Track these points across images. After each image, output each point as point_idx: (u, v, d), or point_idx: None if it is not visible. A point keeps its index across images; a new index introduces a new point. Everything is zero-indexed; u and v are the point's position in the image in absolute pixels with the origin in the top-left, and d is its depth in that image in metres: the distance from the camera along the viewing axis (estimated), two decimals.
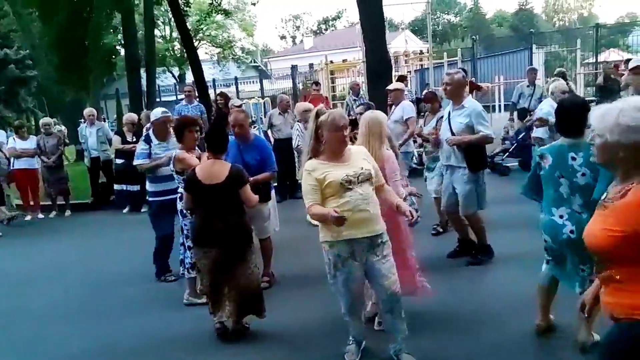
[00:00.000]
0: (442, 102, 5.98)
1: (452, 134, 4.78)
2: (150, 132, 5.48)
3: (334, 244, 3.15)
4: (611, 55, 20.84)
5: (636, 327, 1.83)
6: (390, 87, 7.12)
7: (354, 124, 4.09)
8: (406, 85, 9.49)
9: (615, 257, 1.86)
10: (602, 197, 1.96)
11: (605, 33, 21.74)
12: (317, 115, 3.19)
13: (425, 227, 5.58)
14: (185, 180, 4.07)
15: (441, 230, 5.95)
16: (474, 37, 23.41)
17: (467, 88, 5.56)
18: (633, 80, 3.81)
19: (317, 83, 11.34)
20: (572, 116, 3.10)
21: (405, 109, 6.61)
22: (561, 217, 3.10)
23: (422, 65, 20.17)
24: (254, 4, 19.31)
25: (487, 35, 42.03)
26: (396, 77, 10.37)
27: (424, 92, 7.90)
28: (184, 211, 4.46)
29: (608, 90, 8.22)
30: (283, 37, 60.68)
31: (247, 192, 3.88)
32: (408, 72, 19.16)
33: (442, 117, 5.32)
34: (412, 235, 3.86)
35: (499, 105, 16.03)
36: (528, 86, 9.09)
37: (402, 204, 3.34)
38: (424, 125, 5.96)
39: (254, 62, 38.28)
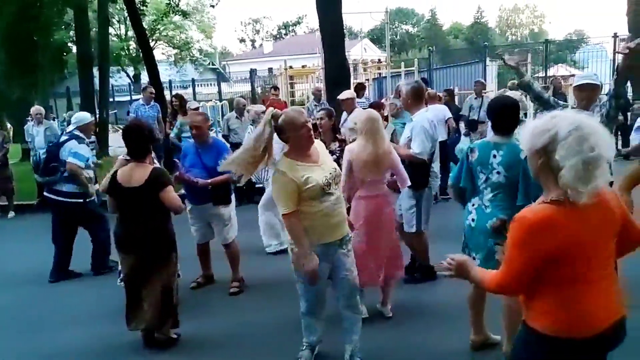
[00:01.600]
0: (402, 112, 6.00)
1: None
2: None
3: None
4: (559, 70, 21.80)
5: (527, 330, 1.92)
6: (341, 96, 6.98)
7: (314, 128, 4.14)
8: (363, 94, 9.61)
9: None
10: None
11: (554, 49, 22.69)
12: (275, 118, 3.05)
13: None
14: (108, 183, 3.92)
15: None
16: (430, 48, 24.02)
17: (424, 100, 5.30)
18: (576, 96, 3.97)
19: (275, 87, 11.30)
20: (500, 115, 3.21)
21: None
22: (472, 205, 3.26)
23: (380, 73, 20.48)
24: (212, 6, 19.15)
25: (443, 46, 43.13)
26: (355, 85, 10.47)
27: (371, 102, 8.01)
28: None
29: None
30: (242, 41, 60.37)
31: (168, 195, 3.66)
32: (366, 80, 19.40)
33: (394, 129, 5.37)
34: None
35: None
36: (476, 98, 9.38)
37: None
38: None
39: (212, 65, 37.82)
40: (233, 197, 4.97)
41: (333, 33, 10.20)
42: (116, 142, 4.74)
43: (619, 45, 16.64)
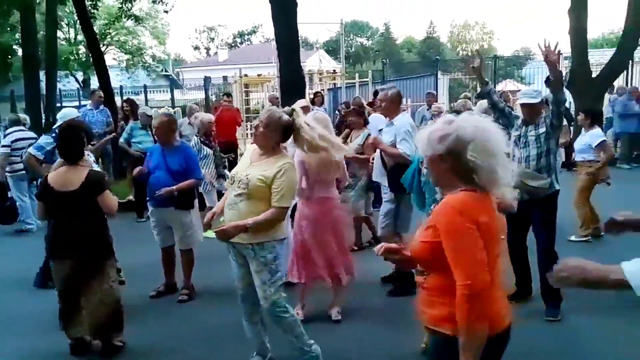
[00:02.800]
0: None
1: (382, 153, 4.69)
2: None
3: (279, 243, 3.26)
4: (508, 85, 22.69)
5: (440, 339, 1.95)
6: (295, 105, 7.02)
7: None
8: (322, 103, 9.70)
9: (426, 265, 2.00)
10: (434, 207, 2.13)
11: (502, 64, 23.59)
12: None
13: None
14: (38, 187, 3.82)
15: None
16: (384, 60, 24.47)
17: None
18: (521, 111, 4.27)
19: (228, 94, 11.23)
20: None
21: None
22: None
23: (335, 84, 20.70)
24: (166, 12, 18.83)
25: (396, 59, 44.04)
26: (313, 94, 10.55)
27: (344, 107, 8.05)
28: None
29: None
30: (197, 48, 59.61)
31: (106, 199, 3.60)
32: (322, 89, 19.57)
33: (369, 134, 5.45)
34: None
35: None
36: (428, 109, 9.66)
37: None
38: (350, 142, 5.83)
39: (165, 71, 37.18)
40: (196, 202, 4.93)
41: (288, 42, 10.25)
42: None
43: (562, 63, 17.54)
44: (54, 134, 5.38)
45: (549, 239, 4.18)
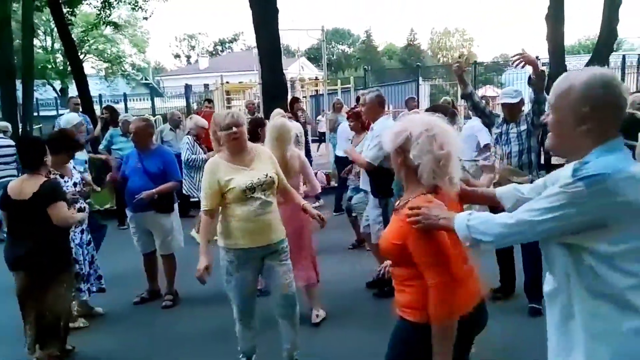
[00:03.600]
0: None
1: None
2: None
3: (230, 250, 3.19)
4: (487, 90, 23.05)
5: (402, 324, 2.04)
6: (274, 113, 7.04)
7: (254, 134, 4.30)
8: (299, 109, 9.74)
9: (394, 259, 2.09)
10: (397, 203, 2.16)
11: (482, 70, 23.94)
12: None
13: None
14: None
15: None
16: (366, 67, 24.71)
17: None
18: (502, 111, 4.40)
19: (209, 100, 11.25)
20: None
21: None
22: None
23: (317, 91, 20.82)
24: (145, 18, 18.75)
25: (378, 66, 44.44)
26: (290, 99, 10.60)
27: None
28: None
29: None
30: (177, 56, 59.49)
31: (56, 211, 3.43)
32: (303, 96, 19.66)
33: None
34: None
35: None
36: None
37: (308, 207, 3.53)
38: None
39: (145, 80, 36.98)
40: (176, 206, 4.93)
41: (270, 49, 10.33)
42: None
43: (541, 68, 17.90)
44: None
45: None
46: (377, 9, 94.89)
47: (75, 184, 4.27)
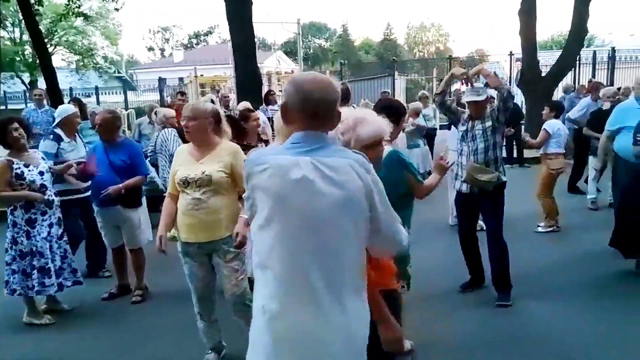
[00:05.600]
0: None
1: None
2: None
3: (179, 240, 3.25)
4: (462, 86, 23.28)
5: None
6: (239, 106, 7.04)
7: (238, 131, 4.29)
8: (274, 102, 9.70)
9: None
10: None
11: (458, 65, 24.18)
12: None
13: None
14: None
15: None
16: (342, 61, 24.74)
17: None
18: (468, 107, 4.47)
19: (182, 93, 11.07)
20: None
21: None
22: None
23: None
24: (117, 9, 18.36)
25: (354, 61, 44.50)
26: (265, 92, 10.54)
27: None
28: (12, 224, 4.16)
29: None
30: (151, 49, 58.58)
31: None
32: (280, 91, 19.58)
33: None
34: None
35: None
36: None
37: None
38: None
39: (118, 73, 36.35)
40: (144, 199, 4.86)
41: (244, 41, 10.25)
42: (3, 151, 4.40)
43: (514, 63, 18.16)
44: (52, 134, 5.20)
45: (497, 224, 4.37)
46: (354, 3, 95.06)
47: (41, 173, 4.18)
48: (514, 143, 10.92)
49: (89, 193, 4.88)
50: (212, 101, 3.22)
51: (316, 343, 1.66)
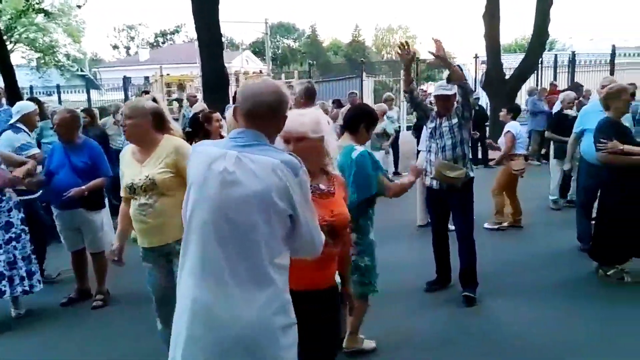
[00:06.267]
0: None
1: None
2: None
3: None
4: (430, 88, 23.64)
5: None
6: (194, 108, 6.97)
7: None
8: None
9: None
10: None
11: (424, 68, 24.46)
12: None
13: None
14: None
15: None
16: (310, 62, 24.74)
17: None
18: (435, 103, 4.50)
19: (146, 92, 10.89)
20: (349, 120, 3.38)
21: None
22: None
23: None
24: (79, 6, 17.88)
25: (323, 61, 44.59)
26: (234, 93, 10.43)
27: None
28: None
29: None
30: (116, 47, 57.41)
31: None
32: None
33: None
34: None
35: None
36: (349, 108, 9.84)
37: None
38: None
39: (81, 71, 35.43)
40: (107, 201, 4.72)
41: (210, 39, 10.12)
42: None
43: (479, 66, 18.51)
44: (12, 129, 5.06)
45: (467, 224, 4.41)
46: (322, 4, 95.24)
47: None
48: (479, 144, 11.11)
49: (35, 195, 4.74)
50: (155, 100, 3.07)
51: (221, 330, 1.74)
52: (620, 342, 3.69)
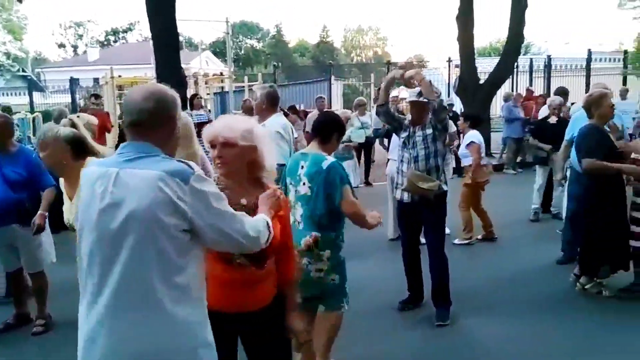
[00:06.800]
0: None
1: None
2: None
3: None
4: (402, 92, 23.90)
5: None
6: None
7: None
8: (200, 107, 9.52)
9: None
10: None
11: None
12: None
13: None
14: None
15: None
16: (275, 64, 24.75)
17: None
18: (410, 111, 4.54)
19: (96, 96, 10.59)
20: (321, 129, 3.35)
21: None
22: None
23: (222, 87, 20.49)
24: (20, 1, 17.47)
25: (289, 63, 44.69)
26: (190, 96, 10.34)
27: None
28: None
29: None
30: (62, 46, 56.19)
31: None
32: (208, 94, 19.27)
33: None
34: None
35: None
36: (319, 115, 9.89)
37: None
38: None
39: (23, 71, 34.55)
40: (46, 215, 4.53)
41: (166, 40, 10.01)
42: None
43: (452, 70, 18.85)
44: None
45: (439, 239, 4.45)
46: (288, 3, 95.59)
47: None
48: (452, 153, 11.26)
49: None
50: (74, 124, 2.92)
51: (112, 358, 1.77)
52: (597, 357, 3.78)
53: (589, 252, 4.78)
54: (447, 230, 6.12)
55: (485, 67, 16.61)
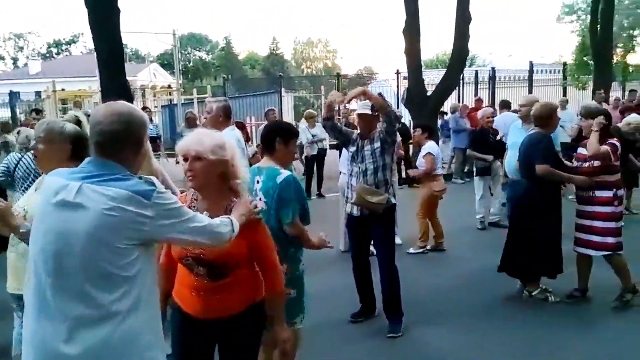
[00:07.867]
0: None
1: None
2: None
3: None
4: (352, 104, 24.17)
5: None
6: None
7: None
8: (150, 120, 9.34)
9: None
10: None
11: (346, 83, 25.07)
12: None
13: None
14: None
15: None
16: (225, 76, 24.57)
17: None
18: (358, 123, 4.59)
19: (37, 111, 10.27)
20: (264, 139, 3.35)
21: None
22: None
23: (171, 100, 20.20)
24: None
25: (239, 75, 44.48)
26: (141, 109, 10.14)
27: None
28: None
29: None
30: (1, 58, 54.20)
31: None
32: (155, 106, 18.94)
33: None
34: None
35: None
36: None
37: None
38: None
39: None
40: None
41: (111, 52, 9.75)
42: None
43: (401, 81, 19.19)
44: None
45: (389, 252, 4.48)
46: (237, 15, 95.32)
47: None
48: (402, 164, 11.42)
49: None
50: (79, 122, 2.68)
51: None
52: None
53: (530, 257, 4.93)
54: (399, 241, 6.23)
55: (432, 78, 16.97)
